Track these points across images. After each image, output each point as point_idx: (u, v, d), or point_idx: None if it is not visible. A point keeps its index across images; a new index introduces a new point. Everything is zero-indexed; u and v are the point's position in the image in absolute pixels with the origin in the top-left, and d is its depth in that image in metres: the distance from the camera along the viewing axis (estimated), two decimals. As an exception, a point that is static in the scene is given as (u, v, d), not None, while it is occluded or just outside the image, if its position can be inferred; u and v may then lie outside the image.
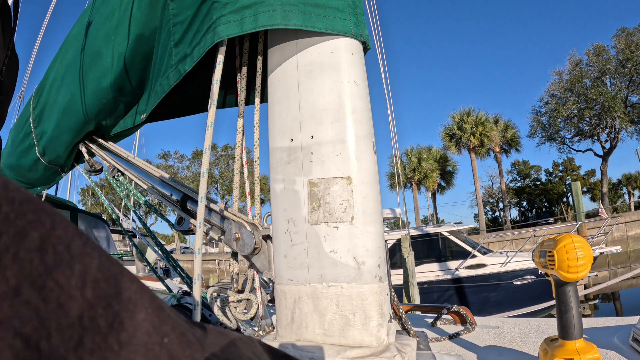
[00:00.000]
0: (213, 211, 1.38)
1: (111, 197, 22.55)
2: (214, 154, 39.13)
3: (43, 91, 2.05)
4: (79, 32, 1.81)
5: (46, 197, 4.64)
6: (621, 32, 29.49)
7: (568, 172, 45.44)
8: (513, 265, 10.39)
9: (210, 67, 1.13)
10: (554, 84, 32.15)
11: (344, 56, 1.05)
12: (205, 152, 1.11)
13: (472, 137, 32.73)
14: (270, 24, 1.00)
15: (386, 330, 0.98)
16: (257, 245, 1.23)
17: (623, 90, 30.14)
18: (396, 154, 8.39)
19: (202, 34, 1.10)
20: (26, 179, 2.37)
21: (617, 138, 30.99)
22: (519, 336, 1.58)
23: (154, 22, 1.40)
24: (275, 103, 1.11)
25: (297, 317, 1.02)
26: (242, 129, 1.37)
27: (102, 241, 6.56)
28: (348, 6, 1.05)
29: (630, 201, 37.52)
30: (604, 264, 18.26)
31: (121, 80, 1.58)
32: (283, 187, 1.07)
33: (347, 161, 1.01)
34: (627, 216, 24.51)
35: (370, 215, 1.01)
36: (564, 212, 33.36)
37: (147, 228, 2.12)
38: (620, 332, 1.42)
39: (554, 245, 1.06)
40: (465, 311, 1.80)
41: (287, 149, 1.07)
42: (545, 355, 1.10)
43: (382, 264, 1.02)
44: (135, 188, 1.87)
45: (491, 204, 48.42)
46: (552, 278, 1.10)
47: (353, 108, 1.03)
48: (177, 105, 1.75)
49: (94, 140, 1.96)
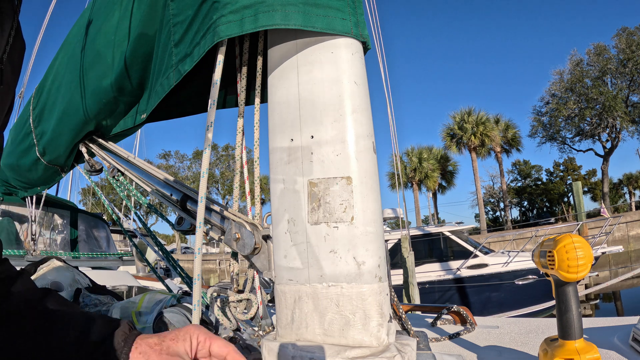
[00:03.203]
0: (213, 211, 1.38)
1: (112, 197, 22.57)
2: (215, 154, 39.13)
3: (43, 91, 2.05)
4: (79, 32, 1.81)
5: (46, 197, 4.65)
6: (622, 32, 29.48)
7: (569, 172, 45.41)
8: (515, 265, 10.39)
9: (210, 67, 1.13)
10: (555, 84, 32.16)
11: (344, 56, 1.04)
12: (205, 152, 1.11)
13: (472, 137, 32.73)
14: (270, 24, 0.99)
15: (386, 330, 0.98)
16: (257, 245, 1.23)
17: (624, 90, 30.14)
18: (396, 153, 8.39)
19: (202, 34, 1.10)
20: (26, 178, 2.37)
21: (618, 138, 30.98)
22: (519, 336, 1.58)
23: (154, 22, 1.40)
24: (275, 103, 1.11)
25: (297, 317, 1.02)
26: (242, 129, 1.37)
27: (102, 241, 6.57)
28: (348, 6, 1.05)
29: (631, 201, 37.49)
30: (604, 264, 18.25)
31: (121, 80, 1.58)
32: (283, 187, 1.07)
33: (347, 161, 1.01)
34: (628, 216, 24.51)
35: (371, 215, 1.01)
36: (565, 212, 33.34)
37: (147, 228, 2.12)
38: (620, 332, 1.42)
39: (554, 245, 1.06)
40: (465, 311, 1.80)
41: (287, 149, 1.07)
42: (545, 355, 1.10)
43: (382, 264, 1.02)
44: (136, 188, 1.88)
45: (492, 204, 48.41)
46: (552, 278, 1.10)
47: (353, 108, 1.03)
48: (178, 105, 1.75)
49: (94, 140, 1.96)
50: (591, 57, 30.58)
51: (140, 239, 2.37)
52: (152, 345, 0.62)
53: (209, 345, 0.65)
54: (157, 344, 0.62)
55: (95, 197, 25.39)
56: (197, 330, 0.66)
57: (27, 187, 2.49)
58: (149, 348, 0.61)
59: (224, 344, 0.67)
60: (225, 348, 0.66)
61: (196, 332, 0.66)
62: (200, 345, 0.65)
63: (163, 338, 0.64)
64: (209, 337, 0.66)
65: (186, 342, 0.64)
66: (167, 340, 0.63)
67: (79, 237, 5.97)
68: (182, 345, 0.63)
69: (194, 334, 0.65)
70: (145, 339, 0.63)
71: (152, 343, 0.62)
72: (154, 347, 0.61)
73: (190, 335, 0.65)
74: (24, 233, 5.01)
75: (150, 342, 0.62)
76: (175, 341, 0.63)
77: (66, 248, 5.75)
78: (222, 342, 0.67)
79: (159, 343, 0.62)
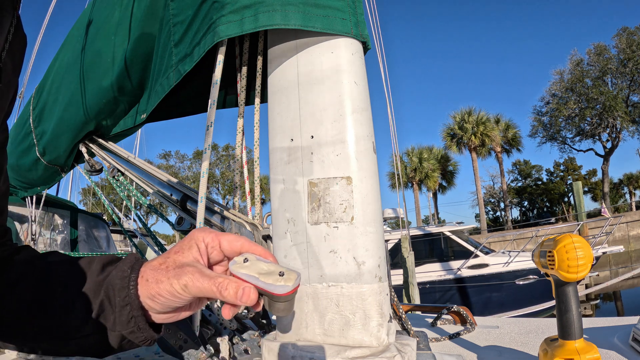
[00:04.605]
0: (213, 211, 1.38)
1: (112, 198, 22.57)
2: (215, 154, 39.16)
3: (43, 91, 2.05)
4: (79, 31, 1.81)
5: (46, 197, 4.65)
6: (622, 32, 29.48)
7: (569, 172, 45.40)
8: (515, 265, 10.39)
9: (210, 67, 1.13)
10: (555, 84, 32.15)
11: (344, 56, 1.04)
12: (205, 152, 1.11)
13: (473, 137, 32.74)
14: (270, 24, 1.00)
15: (386, 330, 0.98)
16: (257, 245, 1.23)
17: (624, 90, 30.13)
18: (397, 153, 8.38)
19: (202, 34, 1.10)
20: (26, 178, 2.37)
21: (618, 138, 30.97)
22: (519, 336, 1.58)
23: (155, 22, 1.40)
24: (275, 103, 1.11)
25: (297, 317, 1.02)
26: (242, 129, 1.37)
27: (102, 241, 6.57)
28: (348, 6, 1.05)
29: (632, 201, 37.49)
30: (605, 264, 18.25)
31: (121, 80, 1.58)
32: (283, 187, 1.07)
33: (347, 161, 1.01)
34: (629, 216, 24.52)
35: (371, 215, 1.01)
36: (565, 212, 33.34)
37: (148, 228, 2.12)
38: (620, 332, 1.42)
39: (554, 245, 1.06)
40: (465, 311, 1.80)
41: (287, 149, 1.07)
42: (545, 355, 1.10)
43: (382, 264, 1.02)
44: (136, 188, 1.88)
45: (492, 204, 48.40)
46: (552, 278, 1.10)
47: (353, 108, 1.03)
48: (178, 105, 1.75)
49: (94, 140, 1.96)
50: (591, 57, 30.59)
51: (140, 239, 2.37)
52: (157, 267, 0.56)
53: (218, 244, 0.59)
54: (162, 263, 0.57)
55: (96, 197, 25.41)
56: (202, 233, 0.60)
57: (27, 187, 2.49)
58: (153, 271, 0.56)
59: (234, 237, 0.60)
60: (237, 241, 0.59)
61: (200, 235, 0.59)
62: (209, 247, 0.59)
63: (167, 255, 0.58)
64: (215, 235, 0.60)
65: (192, 249, 0.58)
66: (171, 255, 0.58)
67: (79, 237, 5.97)
68: (188, 255, 0.57)
69: (199, 239, 0.59)
70: (149, 263, 0.58)
71: (155, 265, 0.57)
72: (158, 268, 0.56)
73: (195, 240, 0.59)
74: (24, 233, 5.01)
75: (154, 265, 0.57)
76: (181, 253, 0.57)
77: (66, 248, 5.75)
78: (232, 236, 0.60)
79: (164, 261, 0.57)
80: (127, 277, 0.57)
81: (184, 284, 0.54)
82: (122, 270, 0.58)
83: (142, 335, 0.58)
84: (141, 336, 0.58)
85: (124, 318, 0.56)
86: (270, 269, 0.55)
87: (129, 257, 0.60)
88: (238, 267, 0.55)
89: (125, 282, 0.56)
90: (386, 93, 6.69)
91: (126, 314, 0.56)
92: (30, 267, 0.60)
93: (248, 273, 0.54)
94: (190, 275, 0.54)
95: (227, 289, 0.53)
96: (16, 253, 0.63)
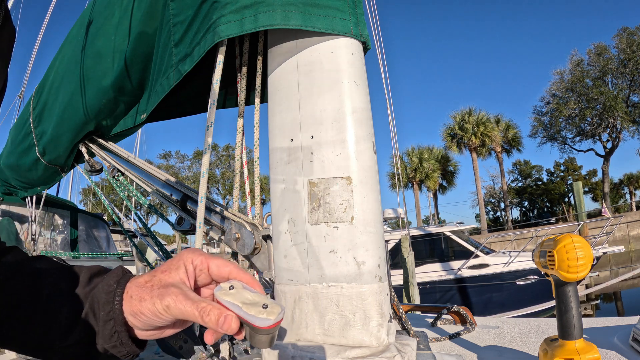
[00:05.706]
0: (213, 211, 1.38)
1: (112, 198, 22.57)
2: (215, 154, 39.16)
3: (43, 91, 2.05)
4: (79, 31, 1.81)
5: (46, 197, 4.65)
6: (622, 32, 29.46)
7: (569, 172, 45.39)
8: (516, 265, 10.38)
9: (210, 67, 1.13)
10: (555, 84, 32.13)
11: (344, 56, 1.04)
12: (205, 152, 1.11)
13: (473, 137, 32.72)
14: (270, 24, 1.00)
15: (386, 330, 0.98)
16: (257, 246, 1.23)
17: (624, 90, 30.12)
18: (397, 153, 8.37)
19: (202, 34, 1.10)
20: (26, 178, 2.37)
21: (618, 138, 30.95)
22: (519, 336, 1.58)
23: (155, 22, 1.40)
24: (275, 103, 1.11)
25: (297, 317, 1.02)
26: (242, 129, 1.37)
27: (102, 241, 6.57)
28: (348, 6, 1.05)
29: (632, 201, 37.46)
30: (605, 264, 18.24)
31: (121, 80, 1.58)
32: (283, 187, 1.07)
33: (347, 161, 1.01)
34: (629, 216, 24.51)
35: (371, 215, 1.01)
36: (566, 212, 33.31)
37: (148, 228, 2.12)
38: (620, 332, 1.41)
39: (554, 245, 1.06)
40: (465, 311, 1.80)
41: (287, 149, 1.07)
42: (545, 355, 1.10)
43: (382, 264, 1.02)
44: (136, 188, 1.88)
45: (492, 204, 48.38)
46: (552, 278, 1.10)
47: (353, 108, 1.03)
48: (178, 105, 1.75)
49: (94, 140, 1.96)
50: (592, 57, 30.57)
51: (140, 239, 2.37)
52: (142, 285, 0.56)
53: (207, 267, 0.58)
54: (148, 281, 0.56)
55: (96, 197, 25.40)
56: (191, 254, 0.59)
57: (27, 187, 2.49)
58: (138, 288, 0.56)
59: (223, 262, 0.59)
60: (226, 266, 0.58)
61: (190, 257, 0.58)
62: (197, 269, 0.58)
63: (154, 273, 0.57)
64: (205, 258, 0.59)
65: (180, 270, 0.57)
66: (157, 274, 0.57)
67: (79, 237, 5.98)
68: (175, 275, 0.56)
69: (187, 260, 0.58)
70: (135, 280, 0.58)
71: (141, 282, 0.56)
72: (144, 285, 0.56)
73: (184, 261, 0.58)
74: (24, 233, 5.01)
75: (139, 282, 0.56)
76: (168, 272, 0.57)
77: (66, 248, 5.76)
78: (221, 260, 0.59)
79: (150, 279, 0.56)
80: (112, 291, 0.57)
81: (167, 304, 0.53)
82: (108, 285, 0.57)
83: (124, 349, 0.58)
84: (123, 350, 0.58)
85: (107, 332, 0.56)
86: (254, 300, 0.53)
87: (116, 271, 0.60)
88: (223, 293, 0.54)
89: (111, 297, 0.56)
90: (386, 93, 6.69)
91: (109, 329, 0.56)
92: (18, 271, 0.59)
93: (232, 301, 0.53)
94: (174, 297, 0.53)
95: (209, 315, 0.52)
96: (3, 254, 0.63)
